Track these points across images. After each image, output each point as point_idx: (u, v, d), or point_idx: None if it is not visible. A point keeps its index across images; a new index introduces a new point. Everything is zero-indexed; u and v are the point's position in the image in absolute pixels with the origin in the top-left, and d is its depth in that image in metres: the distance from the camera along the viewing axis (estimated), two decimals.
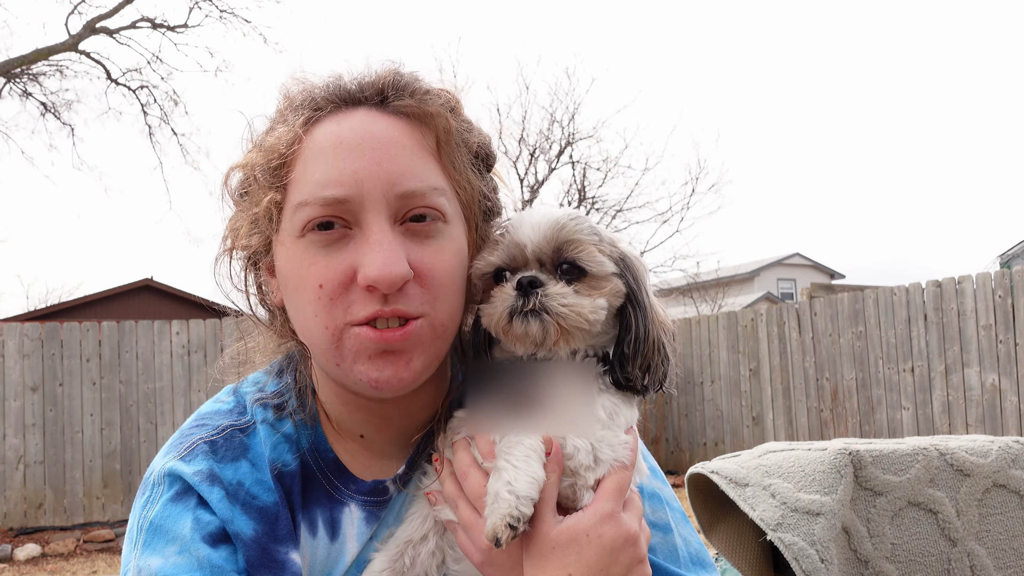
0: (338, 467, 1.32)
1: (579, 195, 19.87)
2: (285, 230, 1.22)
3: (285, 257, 1.22)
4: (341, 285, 1.17)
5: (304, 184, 1.18)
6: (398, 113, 1.23)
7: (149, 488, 1.23)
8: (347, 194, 1.16)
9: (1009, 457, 1.83)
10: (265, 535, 1.21)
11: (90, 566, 8.77)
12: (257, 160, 1.23)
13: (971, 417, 9.51)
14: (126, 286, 24.17)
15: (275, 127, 1.25)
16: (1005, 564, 1.77)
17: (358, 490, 1.31)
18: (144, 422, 10.32)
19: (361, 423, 1.33)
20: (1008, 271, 9.23)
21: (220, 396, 1.39)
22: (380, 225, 1.17)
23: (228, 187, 1.31)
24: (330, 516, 1.29)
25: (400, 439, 1.35)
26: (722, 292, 32.50)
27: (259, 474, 1.25)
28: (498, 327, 1.23)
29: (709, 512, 1.83)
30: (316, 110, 1.22)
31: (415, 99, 1.23)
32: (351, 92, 1.23)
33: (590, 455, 1.17)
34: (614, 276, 1.25)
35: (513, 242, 1.25)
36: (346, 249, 1.18)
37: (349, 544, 1.29)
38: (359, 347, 1.18)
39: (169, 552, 1.16)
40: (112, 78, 18.74)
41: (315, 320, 1.19)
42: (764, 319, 11.90)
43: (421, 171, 1.20)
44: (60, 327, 10.21)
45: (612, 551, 1.13)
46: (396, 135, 1.21)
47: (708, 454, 12.36)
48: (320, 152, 1.19)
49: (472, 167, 1.30)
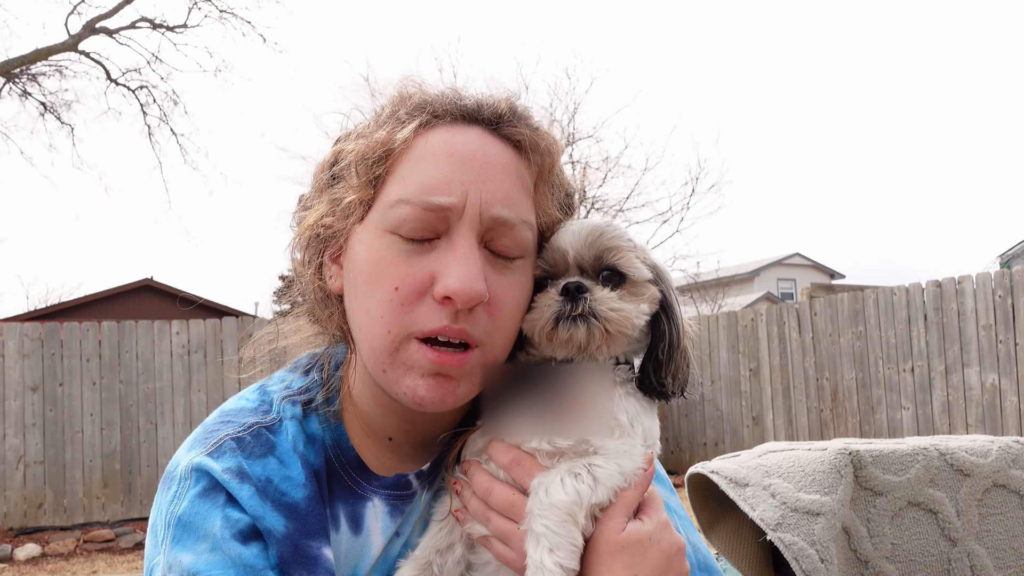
0: (359, 465, 1.32)
1: (579, 195, 19.87)
2: (373, 221, 1.22)
3: (366, 249, 1.22)
4: (416, 292, 1.17)
5: (408, 183, 1.19)
6: (509, 140, 1.25)
7: (176, 483, 1.22)
8: (450, 203, 1.17)
9: (1009, 457, 1.83)
10: (296, 531, 1.20)
11: (90, 566, 8.77)
12: (362, 149, 1.23)
13: (971, 417, 9.51)
14: (126, 286, 24.20)
15: (386, 122, 1.26)
16: (1005, 564, 1.77)
17: (380, 484, 1.32)
18: (144, 422, 10.31)
19: (392, 426, 1.33)
20: (1008, 271, 9.23)
21: (245, 394, 1.38)
22: (470, 241, 1.17)
23: (321, 168, 1.31)
24: (352, 511, 1.30)
25: (426, 442, 1.36)
26: (722, 292, 32.50)
27: (287, 470, 1.25)
28: (542, 332, 1.23)
29: (709, 512, 1.83)
30: (434, 116, 1.23)
31: (529, 129, 1.26)
32: (469, 108, 1.25)
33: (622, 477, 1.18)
34: (650, 283, 1.27)
35: (555, 249, 1.26)
36: (428, 257, 1.18)
37: (374, 538, 1.30)
38: (414, 363, 1.19)
39: (200, 549, 1.15)
40: (112, 78, 18.75)
41: (380, 321, 1.19)
42: (764, 319, 11.90)
43: (518, 201, 1.23)
44: (60, 327, 10.20)
45: (668, 557, 1.19)
46: (505, 160, 1.23)
47: (708, 454, 12.35)
48: (431, 156, 1.20)
49: (558, 209, 1.33)
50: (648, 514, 1.20)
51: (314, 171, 1.33)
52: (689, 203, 20.33)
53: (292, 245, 1.34)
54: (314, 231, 1.29)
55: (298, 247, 1.33)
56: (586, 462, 1.17)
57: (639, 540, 1.16)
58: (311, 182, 1.33)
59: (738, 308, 25.40)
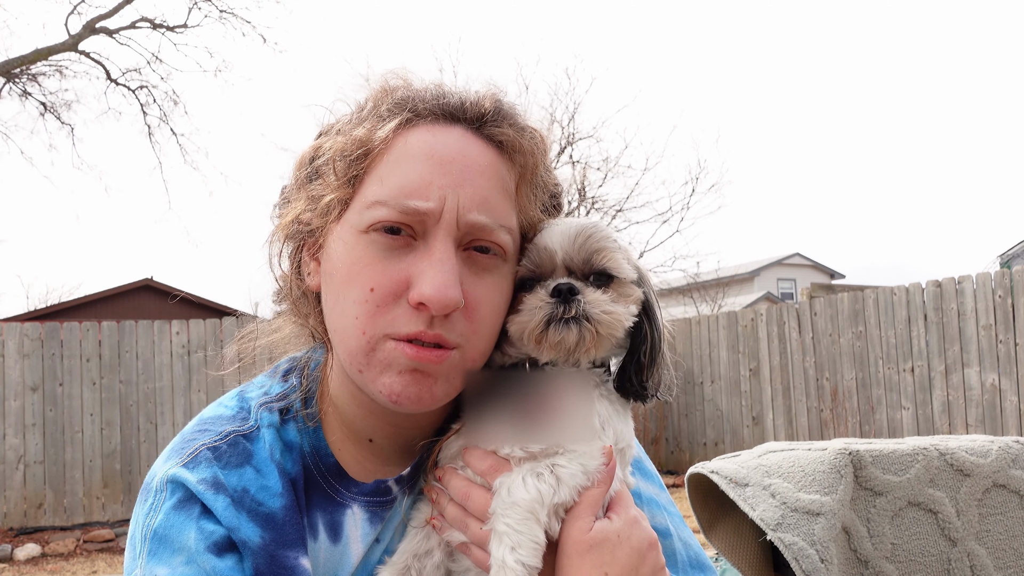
0: (338, 471, 1.30)
1: (579, 195, 19.86)
2: (349, 221, 1.19)
3: (342, 248, 1.20)
4: (392, 294, 1.16)
5: (385, 184, 1.17)
6: (492, 140, 1.22)
7: (152, 495, 1.21)
8: (428, 208, 1.14)
9: (1009, 457, 1.83)
10: (273, 542, 1.19)
11: (90, 566, 8.77)
12: (341, 146, 1.20)
13: (971, 417, 9.51)
14: (126, 286, 24.19)
15: (367, 118, 1.22)
16: (1005, 564, 1.77)
17: (360, 491, 1.30)
18: (144, 422, 10.32)
19: (372, 427, 1.32)
20: (1008, 271, 9.23)
21: (224, 400, 1.37)
22: (446, 245, 1.15)
23: (300, 164, 1.28)
24: (331, 519, 1.28)
25: (408, 446, 1.34)
26: (722, 292, 32.51)
27: (264, 480, 1.23)
28: (532, 335, 1.21)
29: (709, 512, 1.83)
30: (416, 114, 1.20)
31: (513, 130, 1.23)
32: (452, 106, 1.22)
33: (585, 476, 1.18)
34: (635, 284, 1.26)
35: (542, 249, 1.24)
36: (405, 259, 1.16)
37: (353, 546, 1.28)
38: (392, 360, 1.17)
39: (176, 562, 1.15)
40: (112, 78, 18.74)
41: (355, 322, 1.17)
42: (764, 319, 11.90)
43: (497, 205, 1.20)
44: (60, 327, 10.21)
45: (639, 553, 1.17)
46: (486, 162, 1.20)
47: (708, 454, 12.35)
48: (410, 157, 1.17)
49: (541, 210, 1.31)
50: (616, 511, 1.19)
51: (294, 165, 1.30)
52: (689, 203, 20.31)
53: (270, 240, 1.31)
54: (292, 227, 1.27)
55: (276, 242, 1.30)
56: (549, 462, 1.16)
57: (606, 538, 1.15)
58: (291, 175, 1.31)
59: (738, 308, 25.40)
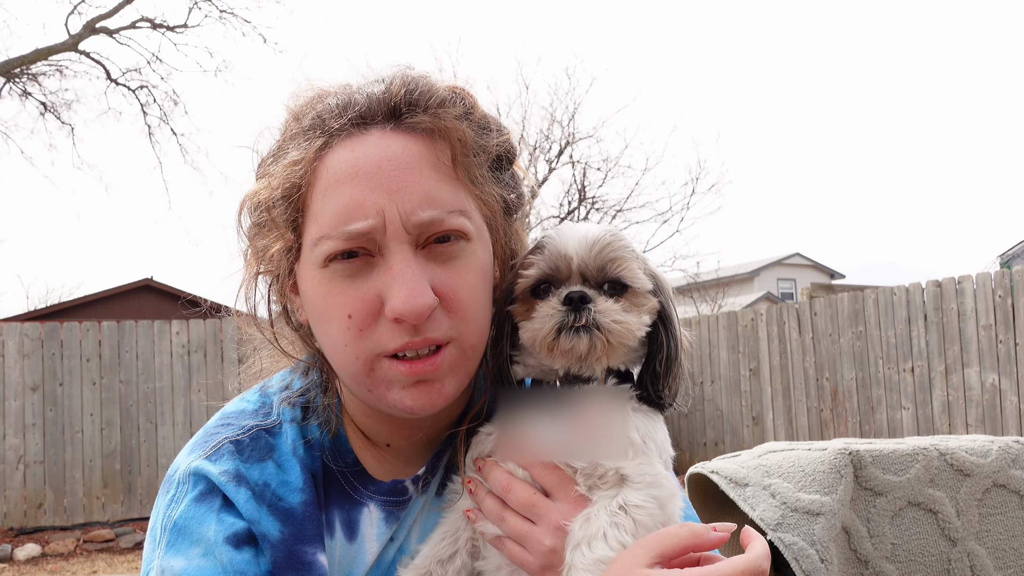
0: (358, 469, 1.31)
1: (579, 195, 19.85)
2: (307, 260, 1.19)
3: (310, 285, 1.20)
4: (369, 315, 1.16)
5: (323, 217, 1.15)
6: (412, 130, 1.18)
7: (174, 487, 1.22)
8: (369, 226, 1.13)
9: (1009, 457, 1.83)
10: (291, 536, 1.20)
11: (90, 566, 8.77)
12: (269, 191, 1.20)
13: (971, 417, 9.51)
14: (126, 286, 24.17)
15: (285, 152, 1.21)
16: (1005, 564, 1.77)
17: (377, 490, 1.31)
18: (144, 422, 10.32)
19: (388, 433, 1.33)
20: (1008, 271, 9.23)
21: (247, 395, 1.37)
22: (402, 254, 1.14)
23: (241, 219, 1.28)
24: (348, 517, 1.29)
25: (427, 444, 1.35)
26: (722, 292, 32.52)
27: (285, 475, 1.24)
28: (544, 343, 1.21)
29: (709, 512, 1.83)
30: (329, 135, 1.18)
31: (429, 114, 1.19)
32: (362, 111, 1.18)
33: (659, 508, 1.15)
34: (650, 294, 1.25)
35: (557, 254, 1.23)
36: (371, 277, 1.16)
37: (369, 544, 1.29)
38: (392, 378, 1.18)
39: (193, 554, 1.15)
40: (112, 78, 18.73)
41: (345, 349, 1.18)
42: (764, 319, 11.90)
43: (439, 194, 1.17)
44: (60, 327, 10.20)
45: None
46: (411, 158, 1.16)
47: (708, 454, 12.35)
48: (336, 183, 1.15)
49: (492, 173, 1.27)
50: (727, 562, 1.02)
51: (236, 215, 1.29)
52: (689, 203, 20.29)
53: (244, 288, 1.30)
54: (257, 278, 1.28)
55: (252, 288, 1.30)
56: (621, 501, 1.13)
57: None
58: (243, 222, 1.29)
59: (738, 308, 25.39)
